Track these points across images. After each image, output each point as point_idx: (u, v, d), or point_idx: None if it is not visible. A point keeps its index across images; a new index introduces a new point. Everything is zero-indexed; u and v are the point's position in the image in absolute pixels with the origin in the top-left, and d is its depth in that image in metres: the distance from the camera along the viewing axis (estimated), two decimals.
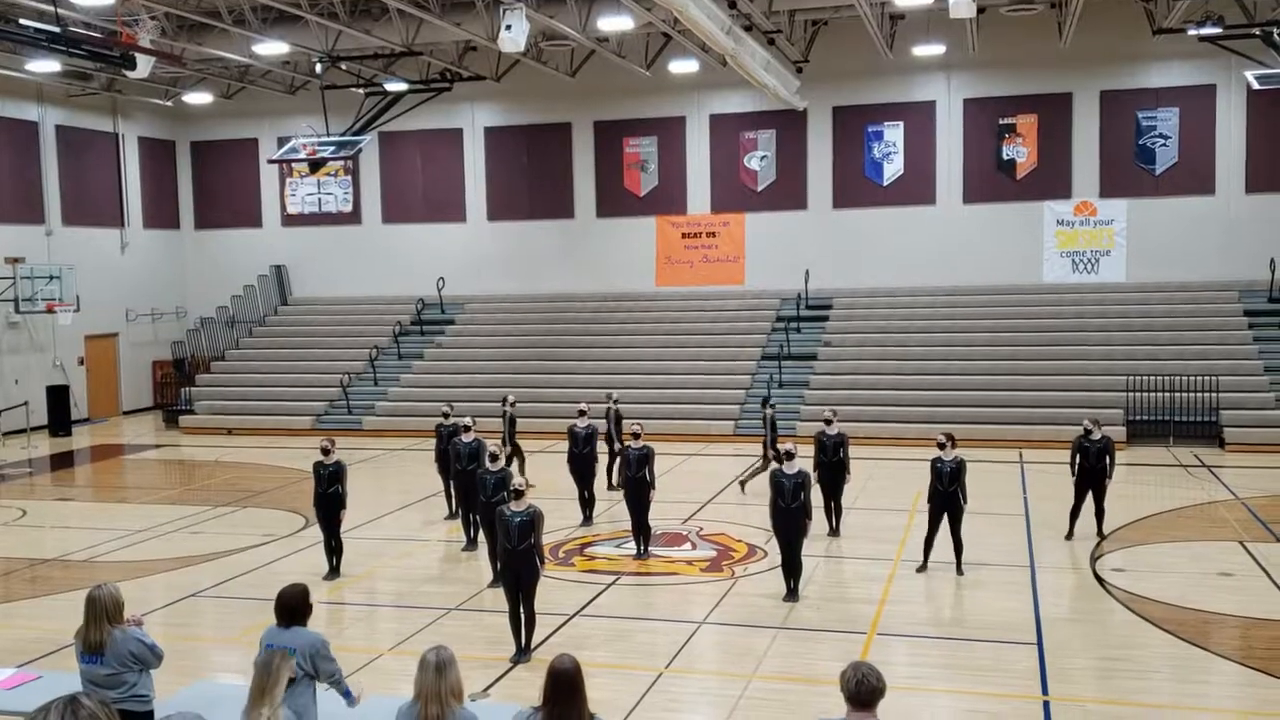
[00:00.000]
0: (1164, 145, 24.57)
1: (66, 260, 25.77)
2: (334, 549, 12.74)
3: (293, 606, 6.35)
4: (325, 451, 12.65)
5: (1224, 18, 20.22)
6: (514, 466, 17.08)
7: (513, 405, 17.77)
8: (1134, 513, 15.32)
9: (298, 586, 6.49)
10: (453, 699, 5.28)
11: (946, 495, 12.17)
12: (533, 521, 9.62)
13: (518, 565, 9.68)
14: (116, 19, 18.15)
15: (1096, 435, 13.34)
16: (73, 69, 24.26)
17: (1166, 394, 21.24)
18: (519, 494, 9.81)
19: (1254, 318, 23.29)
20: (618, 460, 16.59)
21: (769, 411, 16.82)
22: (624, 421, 16.88)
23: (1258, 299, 23.73)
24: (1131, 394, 21.43)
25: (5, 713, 7.06)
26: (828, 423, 14.17)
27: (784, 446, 11.75)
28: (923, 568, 12.39)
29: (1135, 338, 23.17)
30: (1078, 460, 13.41)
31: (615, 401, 17.75)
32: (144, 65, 18.72)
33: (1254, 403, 21.07)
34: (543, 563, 9.84)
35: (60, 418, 25.53)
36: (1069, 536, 13.56)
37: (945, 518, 12.23)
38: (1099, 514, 13.50)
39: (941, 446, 12.34)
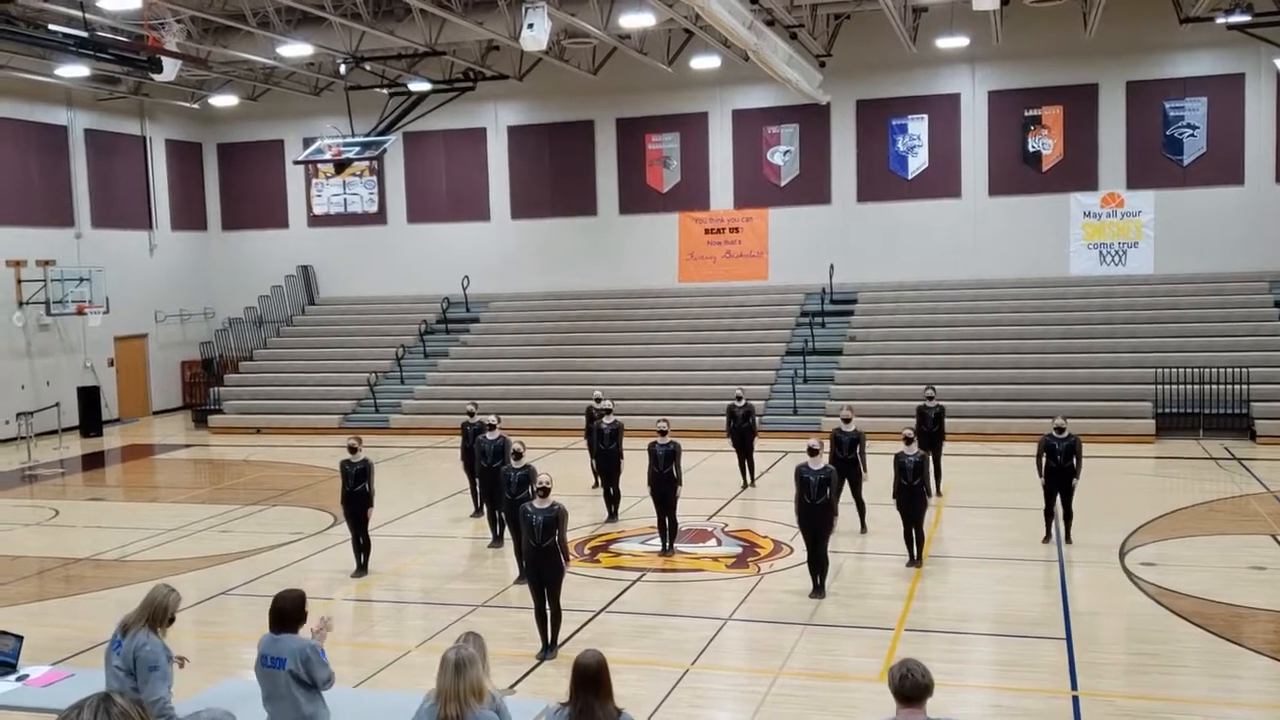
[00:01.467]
0: (1192, 135, 24.31)
1: (96, 263, 26.06)
2: (361, 546, 12.82)
3: (285, 612, 6.25)
4: (352, 450, 12.73)
5: (1253, 5, 19.97)
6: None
7: (598, 401, 17.56)
8: (1164, 506, 15.20)
9: (294, 592, 6.39)
10: (472, 698, 5.20)
11: (911, 489, 12.24)
12: (557, 518, 9.65)
13: (542, 562, 9.71)
14: (143, 23, 18.32)
15: (1065, 434, 13.12)
16: (100, 73, 24.50)
17: (1196, 386, 21.02)
18: (544, 491, 9.83)
19: None
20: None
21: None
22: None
23: None
24: (1161, 386, 21.22)
25: (38, 710, 7.15)
26: (846, 420, 14.17)
27: (810, 442, 11.72)
28: (911, 562, 12.41)
29: (1164, 330, 22.94)
30: (1044, 460, 13.15)
31: (739, 399, 17.38)
32: (170, 68, 18.91)
33: None
34: (567, 560, 9.86)
35: (91, 418, 25.80)
36: (1046, 539, 13.29)
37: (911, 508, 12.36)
38: (1067, 517, 13.19)
39: (908, 442, 12.43)
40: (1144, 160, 24.57)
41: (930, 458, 14.03)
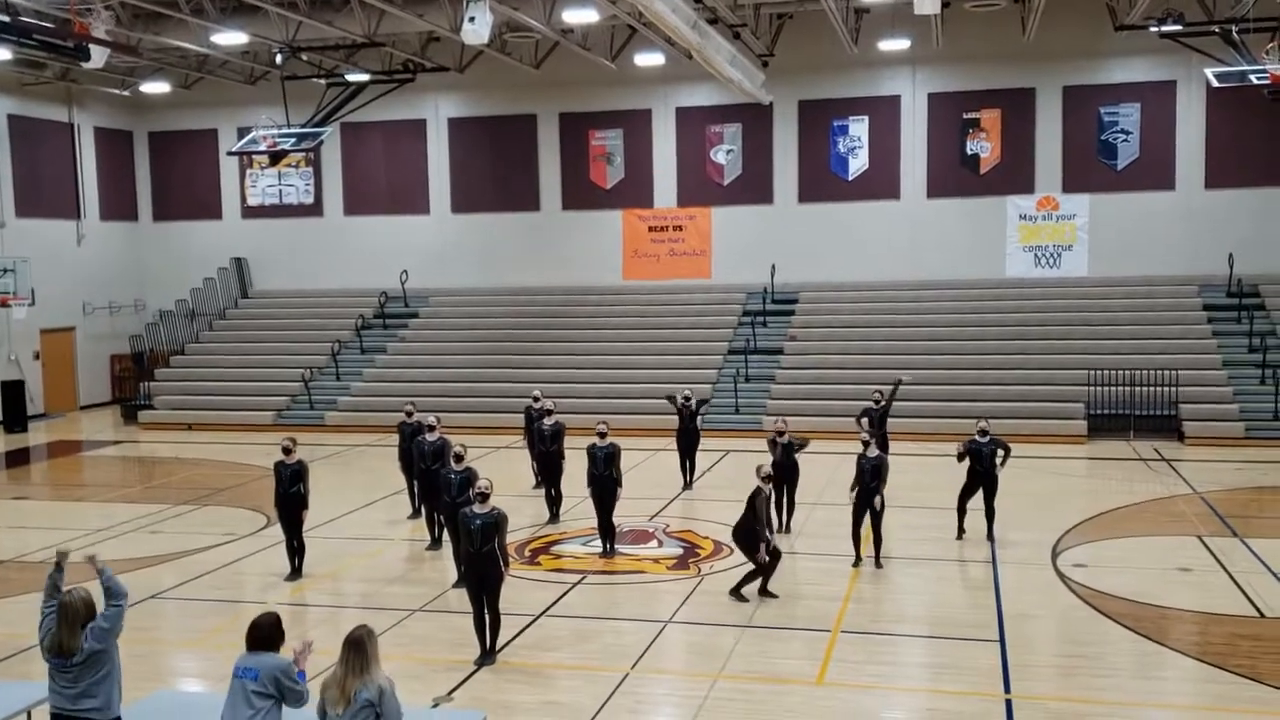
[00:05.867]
0: (1125, 141, 24.82)
1: (21, 253, 25.24)
2: (295, 549, 12.60)
3: (264, 635, 6.20)
4: (287, 451, 12.49)
5: (1184, 15, 20.40)
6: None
7: (535, 400, 17.16)
8: (1095, 507, 15.49)
9: (271, 615, 6.33)
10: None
11: (869, 491, 12.38)
12: (496, 524, 9.56)
13: (481, 568, 9.60)
14: (70, 8, 17.79)
15: (988, 437, 13.42)
16: (25, 57, 23.76)
17: (1127, 388, 21.47)
18: (483, 496, 9.73)
19: (1213, 312, 23.59)
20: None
21: None
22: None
23: (1216, 293, 24.03)
24: (1093, 388, 21.64)
25: None
26: (780, 434, 14.21)
27: (764, 470, 11.68)
28: (858, 562, 12.54)
29: (1096, 332, 23.41)
30: (968, 462, 13.47)
31: (687, 399, 17.35)
32: (99, 56, 18.41)
33: (1213, 396, 21.34)
34: (507, 565, 9.77)
35: (16, 414, 25.11)
36: (960, 536, 13.62)
37: (868, 512, 12.48)
38: (989, 514, 13.52)
39: (866, 445, 12.55)
40: (1079, 164, 25.02)
41: (793, 486, 14.22)
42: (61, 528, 15.38)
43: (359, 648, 5.92)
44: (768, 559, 11.26)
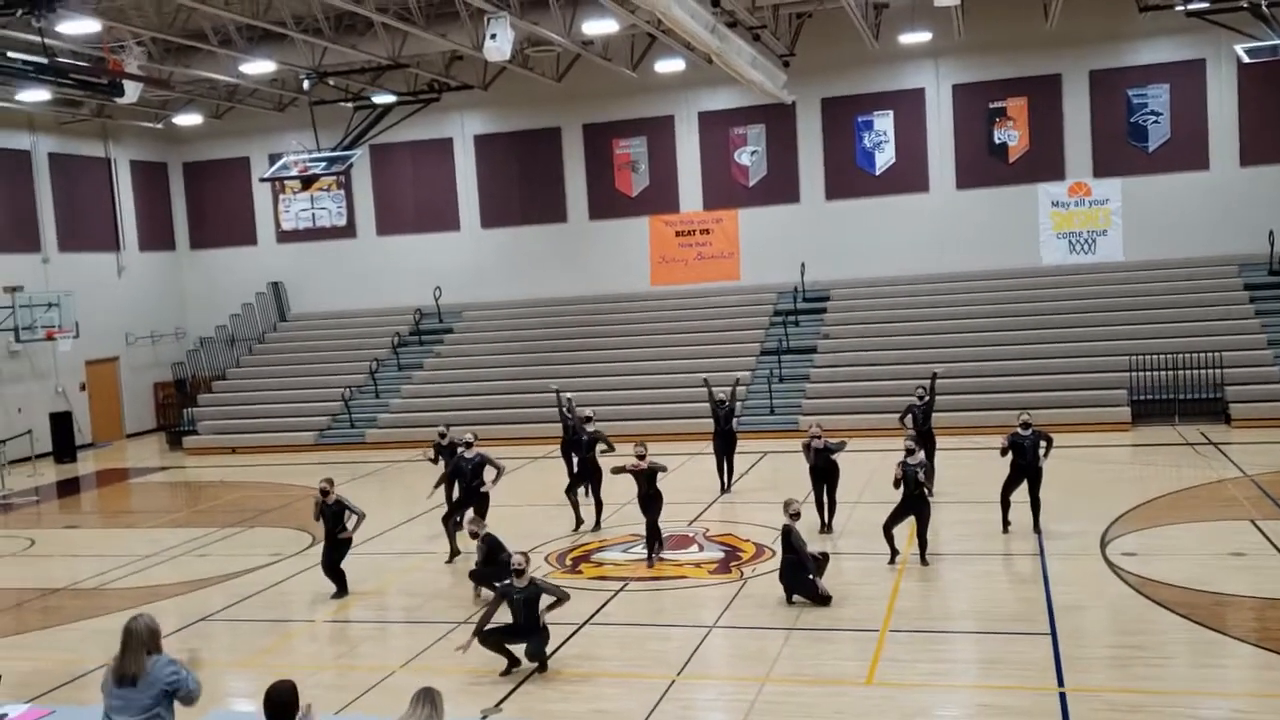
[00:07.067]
0: (1155, 122, 24.50)
1: (64, 287, 25.74)
2: (339, 575, 12.69)
3: (284, 702, 6.07)
4: (325, 493, 12.55)
5: None
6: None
7: (571, 411, 16.97)
8: (1143, 494, 15.28)
9: (288, 683, 6.14)
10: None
11: (915, 498, 12.25)
12: (538, 596, 9.69)
13: (529, 635, 9.75)
14: (103, 47, 18.11)
15: (1030, 429, 13.26)
16: (63, 96, 24.22)
17: (1170, 372, 21.16)
18: (519, 572, 9.76)
19: (1255, 291, 23.20)
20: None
21: None
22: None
23: (1258, 272, 23.64)
24: (1135, 374, 21.36)
25: None
26: (816, 438, 14.16)
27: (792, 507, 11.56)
28: (893, 559, 12.44)
29: (1137, 316, 23.08)
30: (1011, 457, 13.31)
31: (722, 402, 17.32)
32: (132, 91, 18.73)
33: (1259, 377, 20.98)
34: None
35: (64, 444, 25.53)
36: (1005, 530, 13.45)
37: (913, 516, 12.36)
38: (1035, 506, 13.32)
39: (910, 453, 12.41)
40: (1109, 148, 24.73)
41: (834, 486, 14.21)
42: (112, 554, 15.61)
43: (431, 700, 6.00)
44: (829, 594, 11.18)
